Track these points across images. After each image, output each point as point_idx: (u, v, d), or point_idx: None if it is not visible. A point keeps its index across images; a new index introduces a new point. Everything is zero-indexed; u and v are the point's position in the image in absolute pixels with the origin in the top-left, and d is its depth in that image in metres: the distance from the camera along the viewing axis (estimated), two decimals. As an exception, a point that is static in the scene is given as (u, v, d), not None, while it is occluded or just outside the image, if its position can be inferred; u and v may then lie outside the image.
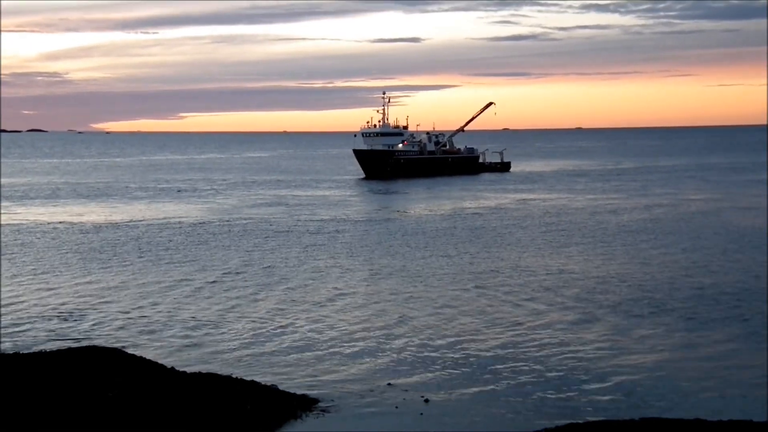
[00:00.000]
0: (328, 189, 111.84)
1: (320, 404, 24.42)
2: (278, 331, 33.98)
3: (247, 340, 32.46)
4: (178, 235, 63.95)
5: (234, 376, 25.90)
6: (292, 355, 30.34)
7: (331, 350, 30.96)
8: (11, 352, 28.02)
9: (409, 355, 30.33)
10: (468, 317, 36.22)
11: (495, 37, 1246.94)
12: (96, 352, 27.29)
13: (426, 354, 30.45)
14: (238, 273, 47.08)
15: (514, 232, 64.69)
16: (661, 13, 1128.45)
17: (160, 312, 37.39)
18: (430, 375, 27.92)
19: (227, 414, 22.41)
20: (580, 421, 22.35)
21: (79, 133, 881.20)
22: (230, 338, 32.83)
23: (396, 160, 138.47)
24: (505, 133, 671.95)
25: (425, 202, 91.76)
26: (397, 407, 24.35)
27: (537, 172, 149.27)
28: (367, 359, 29.71)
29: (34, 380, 23.53)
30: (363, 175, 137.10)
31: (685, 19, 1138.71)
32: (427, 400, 24.89)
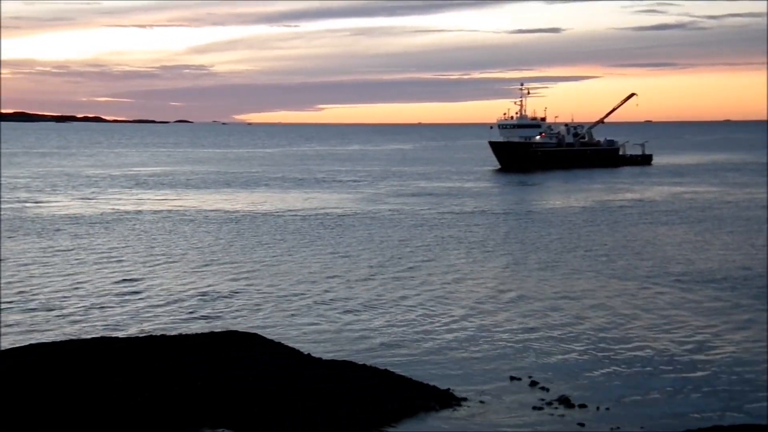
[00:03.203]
0: (466, 181, 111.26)
1: (456, 398, 23.98)
2: (416, 322, 33.84)
3: (385, 331, 32.48)
4: (322, 224, 65.06)
5: (370, 364, 25.98)
6: (429, 347, 30.09)
7: (471, 344, 30.52)
8: (158, 334, 29.20)
9: (553, 352, 29.50)
10: (610, 314, 35.04)
11: (639, 27, 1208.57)
12: (236, 336, 28.08)
13: (567, 348, 29.64)
14: (378, 263, 47.36)
15: (656, 227, 62.32)
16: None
17: (300, 298, 38.02)
18: (571, 373, 27.04)
19: (360, 401, 22.44)
20: (723, 425, 21.29)
21: (223, 124, 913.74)
22: (368, 328, 32.96)
23: (533, 152, 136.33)
24: (647, 125, 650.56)
25: (564, 195, 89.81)
26: (536, 406, 23.65)
27: (682, 165, 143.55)
28: (510, 355, 29.07)
29: (180, 360, 24.38)
30: (499, 167, 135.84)
31: None
32: (567, 399, 24.04)
